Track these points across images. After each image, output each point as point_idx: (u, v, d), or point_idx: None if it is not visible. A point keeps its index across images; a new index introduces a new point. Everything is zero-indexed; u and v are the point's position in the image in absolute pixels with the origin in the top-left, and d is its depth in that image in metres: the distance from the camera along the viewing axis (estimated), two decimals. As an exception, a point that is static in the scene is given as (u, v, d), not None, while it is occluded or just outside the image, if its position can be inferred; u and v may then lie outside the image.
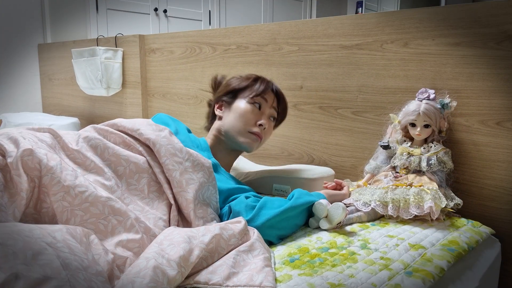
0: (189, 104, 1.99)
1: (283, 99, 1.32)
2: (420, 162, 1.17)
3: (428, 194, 1.09)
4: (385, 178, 1.20)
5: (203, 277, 0.76)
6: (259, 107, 1.25)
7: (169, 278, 0.69)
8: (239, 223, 0.91)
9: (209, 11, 3.59)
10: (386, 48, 1.35)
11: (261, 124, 1.23)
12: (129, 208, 0.88)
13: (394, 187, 1.14)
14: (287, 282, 0.79)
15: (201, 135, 1.34)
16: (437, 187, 1.12)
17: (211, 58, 1.87)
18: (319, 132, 1.55)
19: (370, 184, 1.23)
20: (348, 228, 1.07)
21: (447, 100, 1.18)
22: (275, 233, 1.00)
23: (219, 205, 1.05)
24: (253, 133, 1.23)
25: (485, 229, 1.12)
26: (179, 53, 2.00)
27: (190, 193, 0.97)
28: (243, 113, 1.23)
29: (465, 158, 1.22)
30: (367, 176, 1.28)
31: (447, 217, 1.15)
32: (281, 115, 1.34)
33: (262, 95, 1.25)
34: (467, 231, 1.08)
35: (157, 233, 0.87)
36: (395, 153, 1.23)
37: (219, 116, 1.30)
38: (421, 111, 1.17)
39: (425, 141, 1.22)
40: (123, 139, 1.03)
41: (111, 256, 0.73)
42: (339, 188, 1.26)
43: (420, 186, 1.12)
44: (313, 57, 1.53)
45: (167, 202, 0.98)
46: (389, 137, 1.27)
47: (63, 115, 2.66)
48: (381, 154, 1.28)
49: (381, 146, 1.26)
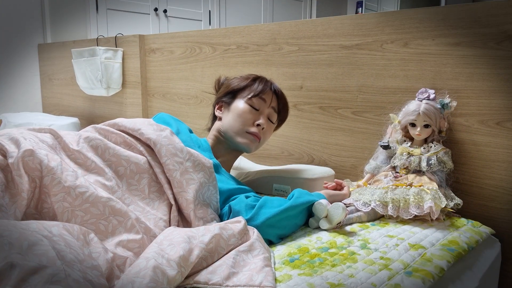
0: (189, 104, 1.99)
1: (283, 99, 1.32)
2: (420, 162, 1.17)
3: (428, 194, 1.09)
4: (385, 178, 1.21)
5: (203, 277, 0.76)
6: (258, 107, 1.25)
7: (169, 278, 0.70)
8: (239, 223, 0.91)
9: (209, 11, 3.59)
10: (386, 48, 1.35)
11: (259, 124, 1.23)
12: (129, 208, 0.88)
13: (394, 187, 1.14)
14: (287, 282, 0.79)
15: (201, 135, 1.34)
16: (437, 187, 1.12)
17: (211, 58, 1.87)
18: (319, 132, 1.55)
19: (370, 184, 1.23)
20: (348, 228, 1.07)
21: (447, 100, 1.18)
22: (275, 232, 1.00)
23: (219, 205, 1.05)
24: (251, 133, 1.23)
25: (485, 229, 1.12)
26: (179, 53, 2.00)
27: (190, 193, 0.97)
28: (241, 113, 1.23)
29: (465, 158, 1.22)
30: (367, 176, 1.28)
31: (447, 217, 1.15)
32: (282, 115, 1.33)
33: (260, 95, 1.25)
34: (467, 231, 1.08)
35: (158, 233, 0.87)
36: (395, 153, 1.23)
37: (219, 116, 1.30)
38: (421, 111, 1.17)
39: (425, 141, 1.22)
40: (124, 139, 1.03)
41: (111, 255, 0.74)
42: (339, 188, 1.26)
43: (420, 186, 1.12)
44: (313, 57, 1.53)
45: (167, 202, 0.98)
46: (389, 137, 1.27)
47: (63, 115, 2.66)
48: (381, 154, 1.28)
49: (381, 146, 1.26)
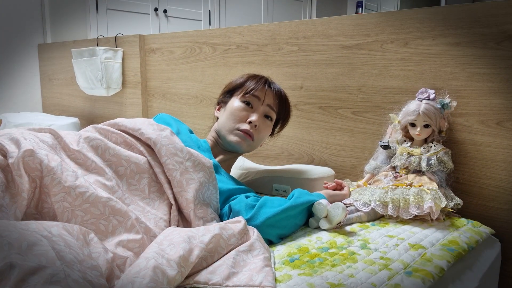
0: (189, 104, 1.99)
1: (282, 97, 1.29)
2: (420, 162, 1.17)
3: (428, 194, 1.09)
4: (385, 178, 1.21)
5: (203, 277, 0.76)
6: (250, 104, 1.23)
7: (169, 278, 0.70)
8: (239, 223, 0.91)
9: (209, 11, 3.59)
10: (386, 48, 1.35)
11: (250, 121, 1.21)
12: (129, 208, 0.88)
13: (394, 187, 1.14)
14: (287, 282, 0.79)
15: (201, 135, 1.34)
16: (437, 187, 1.12)
17: (211, 58, 1.87)
18: (319, 132, 1.55)
19: (370, 184, 1.23)
20: (348, 228, 1.07)
21: (447, 100, 1.18)
22: (275, 232, 1.00)
23: (219, 205, 1.05)
24: (242, 131, 1.21)
25: (485, 229, 1.12)
26: (179, 53, 2.00)
27: (190, 193, 0.97)
28: (233, 111, 1.23)
29: (465, 158, 1.22)
30: (367, 176, 1.28)
31: (447, 217, 1.15)
32: (282, 114, 1.31)
33: (252, 92, 1.23)
34: (467, 231, 1.08)
35: (158, 233, 0.87)
36: (395, 153, 1.23)
37: (217, 117, 1.30)
38: (421, 111, 1.17)
39: (425, 141, 1.22)
40: (124, 138, 1.03)
41: (111, 255, 0.73)
42: (339, 188, 1.26)
43: (420, 186, 1.12)
44: (313, 57, 1.53)
45: (167, 202, 0.98)
46: (389, 137, 1.27)
47: (63, 115, 2.66)
48: (381, 154, 1.28)
49: (381, 146, 1.26)
